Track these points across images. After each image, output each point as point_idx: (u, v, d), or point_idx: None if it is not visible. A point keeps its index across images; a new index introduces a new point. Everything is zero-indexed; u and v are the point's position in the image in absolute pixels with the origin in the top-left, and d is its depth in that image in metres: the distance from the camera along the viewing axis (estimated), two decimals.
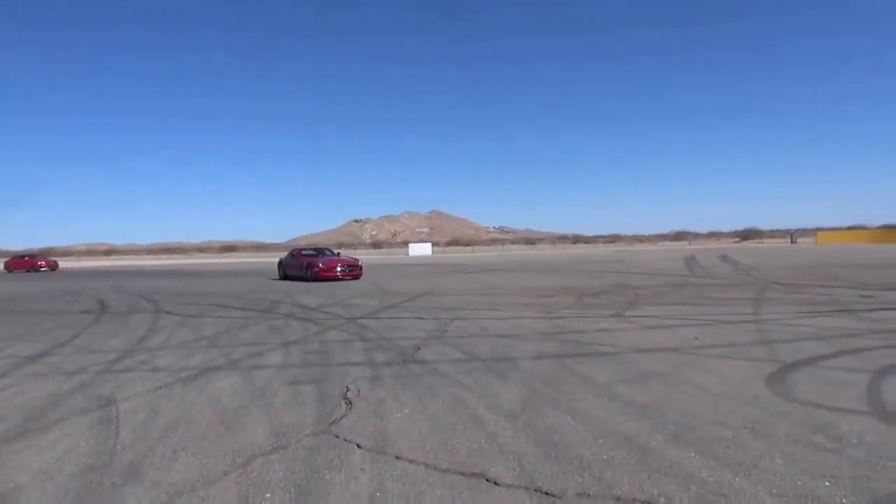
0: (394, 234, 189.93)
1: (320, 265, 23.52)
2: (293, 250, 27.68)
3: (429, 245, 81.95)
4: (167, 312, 13.27)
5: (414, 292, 17.10)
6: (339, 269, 23.74)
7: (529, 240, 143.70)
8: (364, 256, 53.09)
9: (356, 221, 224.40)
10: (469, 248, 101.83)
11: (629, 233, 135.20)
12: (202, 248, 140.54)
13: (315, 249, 27.60)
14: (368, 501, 3.34)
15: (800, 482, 3.47)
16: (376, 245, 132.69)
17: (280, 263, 27.35)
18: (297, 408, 5.31)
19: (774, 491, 3.36)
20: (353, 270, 24.10)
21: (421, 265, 39.85)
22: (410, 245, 78.77)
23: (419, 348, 8.03)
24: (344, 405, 5.34)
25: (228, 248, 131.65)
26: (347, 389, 5.89)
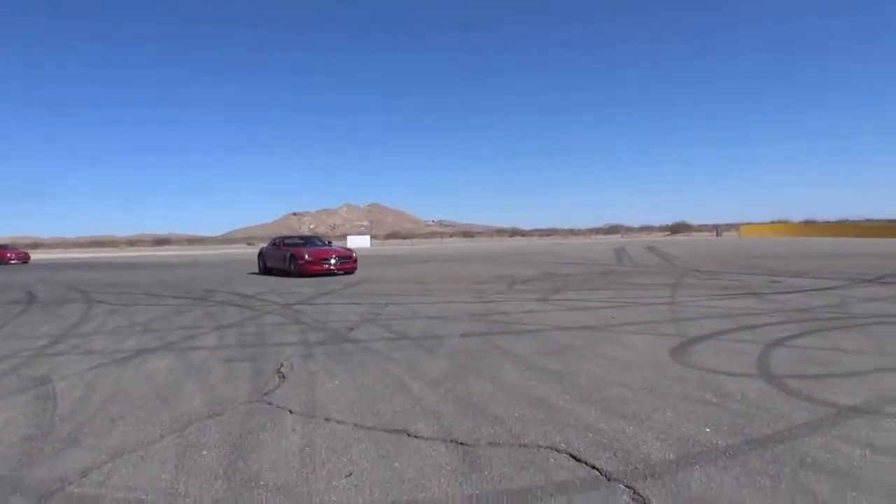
0: (333, 228, 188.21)
1: (306, 256, 19.46)
2: (275, 239, 23.73)
3: (367, 237, 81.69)
4: (99, 302, 13.11)
5: (350, 281, 17.30)
6: (331, 261, 19.79)
7: (468, 233, 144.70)
8: None
9: (294, 214, 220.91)
10: (408, 241, 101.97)
11: (565, 227, 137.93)
12: (133, 242, 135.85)
13: (302, 238, 23.52)
14: (299, 455, 3.65)
15: (684, 429, 3.96)
16: None
17: (260, 254, 23.13)
18: (231, 382, 5.54)
19: (661, 436, 3.83)
20: (348, 263, 20.20)
21: (359, 256, 39.90)
22: (349, 237, 78.26)
23: (352, 329, 8.33)
24: (277, 378, 5.61)
25: (161, 242, 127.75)
26: (281, 365, 6.15)
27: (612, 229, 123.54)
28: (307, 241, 23.04)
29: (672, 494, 2.98)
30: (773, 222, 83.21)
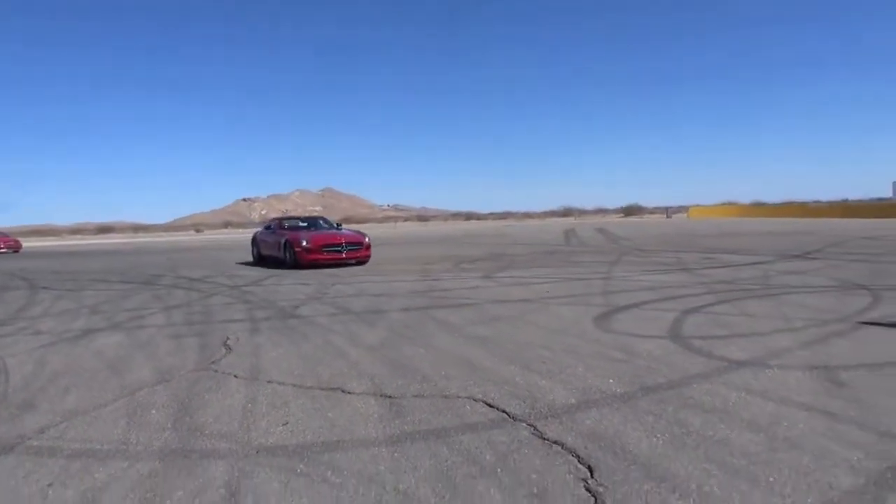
0: (285, 213, 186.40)
1: (304, 243, 15.39)
2: (271, 221, 19.83)
3: None
4: (45, 288, 13.08)
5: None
6: (339, 248, 15.79)
7: (423, 217, 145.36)
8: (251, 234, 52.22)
9: (244, 200, 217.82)
10: (362, 226, 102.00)
11: (521, 210, 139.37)
12: (75, 231, 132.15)
13: (304, 219, 19.46)
14: (241, 410, 4.01)
15: (590, 381, 4.45)
16: None
17: (254, 241, 19.30)
18: (179, 354, 5.85)
19: (568, 387, 4.31)
20: (359, 250, 16.13)
21: None
22: None
23: (298, 307, 8.65)
24: (224, 350, 5.94)
25: (104, 230, 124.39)
26: (227, 339, 6.47)
27: (567, 212, 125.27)
28: (311, 223, 18.95)
29: (567, 429, 3.45)
30: (721, 204, 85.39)
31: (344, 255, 15.76)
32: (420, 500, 2.67)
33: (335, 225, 18.74)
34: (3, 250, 35.11)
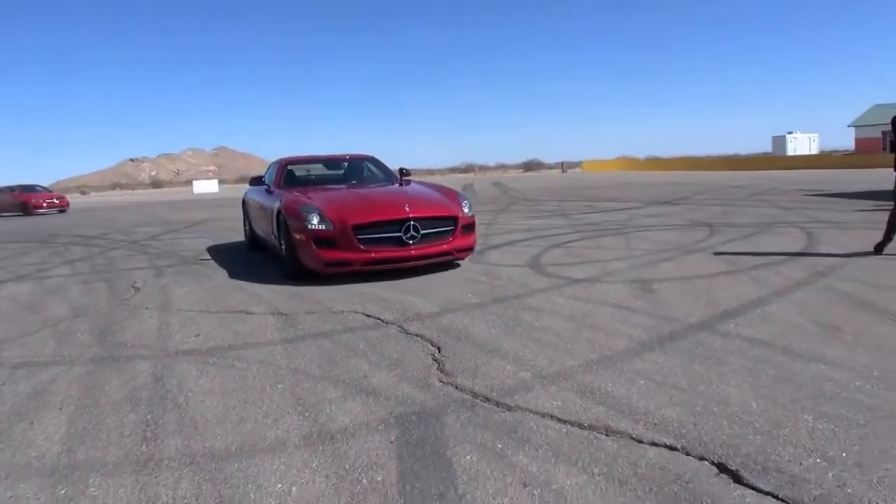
0: (177, 173, 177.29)
1: (314, 221, 6.31)
2: (275, 163, 9.21)
3: (216, 181, 78.75)
4: None
5: (195, 220, 17.70)
6: (395, 230, 6.38)
7: None
8: (143, 196, 50.68)
9: (132, 161, 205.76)
10: None
11: (423, 167, 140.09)
12: None
13: (332, 163, 9.57)
14: (157, 330, 4.74)
15: (454, 297, 5.44)
16: (156, 185, 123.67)
17: (244, 207, 9.83)
18: (91, 295, 6.41)
19: (435, 301, 5.29)
20: (449, 237, 6.73)
21: (205, 200, 39.25)
22: (195, 182, 75.18)
23: (200, 258, 9.19)
24: (133, 290, 6.55)
25: None
26: (135, 282, 7.05)
27: (469, 168, 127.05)
28: (348, 170, 9.26)
29: (426, 327, 4.43)
30: (616, 158, 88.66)
31: (412, 250, 6.49)
32: (307, 372, 3.56)
33: (398, 176, 8.86)
34: (44, 209, 27.54)
